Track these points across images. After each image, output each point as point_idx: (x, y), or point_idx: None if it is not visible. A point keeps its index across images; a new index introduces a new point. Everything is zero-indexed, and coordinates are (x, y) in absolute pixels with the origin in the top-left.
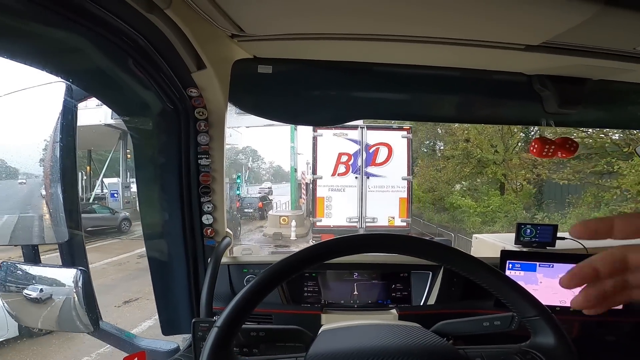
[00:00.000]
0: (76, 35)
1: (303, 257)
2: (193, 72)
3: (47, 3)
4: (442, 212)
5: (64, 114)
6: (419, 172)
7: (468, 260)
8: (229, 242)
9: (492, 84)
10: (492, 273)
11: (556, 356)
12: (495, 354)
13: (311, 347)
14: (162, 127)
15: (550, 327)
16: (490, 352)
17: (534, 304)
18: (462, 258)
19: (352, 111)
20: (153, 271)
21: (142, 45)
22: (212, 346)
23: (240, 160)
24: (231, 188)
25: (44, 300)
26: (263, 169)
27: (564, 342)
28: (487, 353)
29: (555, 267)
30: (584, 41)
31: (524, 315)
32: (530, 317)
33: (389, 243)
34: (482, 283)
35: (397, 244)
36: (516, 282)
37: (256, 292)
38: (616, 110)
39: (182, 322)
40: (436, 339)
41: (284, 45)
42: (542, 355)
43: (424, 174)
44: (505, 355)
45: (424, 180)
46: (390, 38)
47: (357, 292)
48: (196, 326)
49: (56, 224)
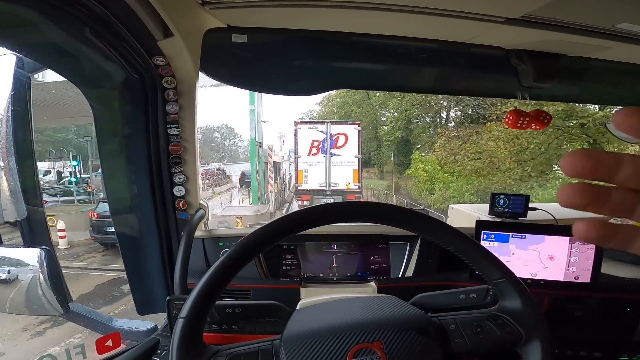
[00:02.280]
0: (25, 6)
1: (272, 230)
2: (159, 41)
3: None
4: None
5: (16, 87)
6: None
7: (439, 227)
8: (203, 214)
9: (470, 56)
10: (460, 237)
11: (523, 318)
12: (467, 320)
13: (286, 328)
14: (126, 97)
15: (516, 290)
16: (463, 319)
17: (499, 267)
18: (432, 224)
19: (330, 81)
20: (123, 248)
21: (99, 14)
22: (180, 340)
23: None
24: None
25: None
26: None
27: (531, 305)
28: (460, 319)
29: (527, 237)
30: (564, 16)
31: (490, 278)
32: (496, 280)
33: (362, 211)
34: (452, 249)
35: (370, 212)
36: (483, 247)
37: (219, 278)
38: (590, 86)
39: (158, 300)
40: (411, 309)
41: (260, 13)
42: (511, 319)
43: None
44: (477, 321)
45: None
46: (370, 7)
47: (335, 264)
48: (170, 304)
49: (13, 201)
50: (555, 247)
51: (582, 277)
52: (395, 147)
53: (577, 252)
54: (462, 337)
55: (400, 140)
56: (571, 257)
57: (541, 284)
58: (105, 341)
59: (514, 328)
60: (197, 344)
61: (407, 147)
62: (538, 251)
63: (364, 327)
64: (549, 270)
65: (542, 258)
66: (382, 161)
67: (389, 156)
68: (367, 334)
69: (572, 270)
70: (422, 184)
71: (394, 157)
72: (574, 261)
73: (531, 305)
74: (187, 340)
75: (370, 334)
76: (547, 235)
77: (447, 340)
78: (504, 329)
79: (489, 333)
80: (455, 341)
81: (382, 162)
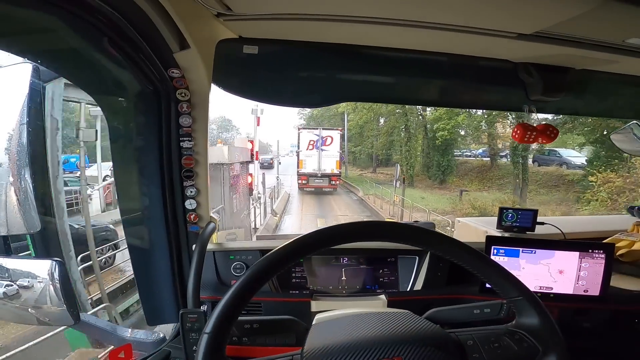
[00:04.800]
0: (45, 13)
1: (291, 250)
2: (175, 52)
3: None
4: None
5: (31, 97)
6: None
7: (454, 245)
8: (214, 227)
9: (478, 69)
10: (477, 256)
11: (541, 334)
12: (485, 335)
13: (306, 342)
14: (140, 108)
15: (533, 307)
16: (480, 334)
17: (517, 286)
18: (448, 243)
19: (339, 93)
20: (134, 259)
21: (119, 24)
22: (204, 355)
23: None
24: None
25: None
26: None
27: (547, 321)
28: (478, 335)
29: (537, 253)
30: (576, 32)
31: (508, 296)
32: (513, 298)
33: (377, 231)
34: (467, 266)
35: (384, 232)
36: (499, 265)
37: (243, 294)
38: (597, 99)
39: (167, 311)
40: (428, 324)
41: (271, 26)
42: (528, 334)
43: None
44: (494, 336)
45: None
46: (380, 21)
47: (345, 277)
48: (184, 317)
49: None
50: (565, 262)
51: (591, 290)
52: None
53: (587, 266)
54: (480, 352)
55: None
56: (581, 271)
57: (551, 297)
58: (118, 353)
59: (531, 343)
60: (220, 357)
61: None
62: (548, 265)
63: (384, 343)
64: (559, 283)
65: (552, 272)
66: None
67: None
68: (387, 349)
69: (581, 284)
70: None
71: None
72: (584, 275)
73: (548, 322)
74: (212, 356)
75: (390, 350)
76: (557, 250)
77: (465, 356)
78: (521, 345)
79: (506, 349)
80: (473, 356)
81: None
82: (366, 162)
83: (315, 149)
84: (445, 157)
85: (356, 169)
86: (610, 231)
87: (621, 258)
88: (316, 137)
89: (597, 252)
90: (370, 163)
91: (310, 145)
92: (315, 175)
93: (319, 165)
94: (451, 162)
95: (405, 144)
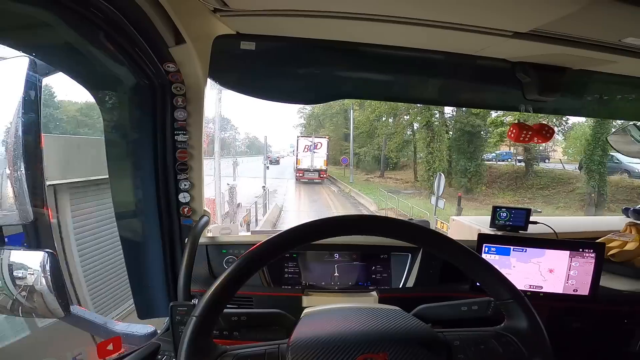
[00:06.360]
0: (41, 7)
1: (281, 241)
2: (171, 47)
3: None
4: None
5: (27, 90)
6: None
7: (447, 243)
8: (207, 221)
9: (475, 68)
10: (470, 256)
11: (528, 339)
12: (472, 337)
13: (294, 332)
14: (135, 102)
15: (523, 310)
16: (468, 335)
17: (509, 288)
18: (442, 241)
19: (336, 90)
20: (126, 252)
21: (114, 18)
22: (191, 337)
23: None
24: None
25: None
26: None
27: (536, 326)
28: (465, 336)
29: (528, 251)
30: (572, 31)
31: (499, 298)
32: (504, 300)
33: (369, 226)
34: (459, 266)
35: (377, 227)
36: (492, 266)
37: (234, 280)
38: (593, 100)
39: (159, 305)
40: (416, 323)
41: (268, 22)
42: (516, 338)
43: None
44: (481, 338)
45: None
46: (378, 18)
47: (337, 273)
48: (174, 310)
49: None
50: (555, 261)
51: (581, 290)
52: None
53: (577, 265)
54: (466, 353)
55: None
56: (571, 270)
57: (540, 296)
58: (106, 345)
59: (517, 348)
60: (207, 343)
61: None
62: (538, 264)
63: (370, 338)
64: (549, 282)
65: (542, 271)
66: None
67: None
68: (374, 344)
69: (571, 283)
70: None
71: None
72: (574, 274)
73: (537, 327)
74: (198, 338)
75: (377, 345)
76: (548, 249)
77: (451, 356)
78: (508, 348)
79: (492, 351)
80: (459, 357)
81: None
82: (372, 165)
83: (309, 151)
84: (473, 162)
85: (361, 172)
86: (603, 231)
87: (612, 258)
88: (310, 142)
89: (587, 251)
90: (377, 166)
91: (305, 148)
92: (308, 170)
93: (312, 163)
94: (480, 167)
95: (428, 144)
